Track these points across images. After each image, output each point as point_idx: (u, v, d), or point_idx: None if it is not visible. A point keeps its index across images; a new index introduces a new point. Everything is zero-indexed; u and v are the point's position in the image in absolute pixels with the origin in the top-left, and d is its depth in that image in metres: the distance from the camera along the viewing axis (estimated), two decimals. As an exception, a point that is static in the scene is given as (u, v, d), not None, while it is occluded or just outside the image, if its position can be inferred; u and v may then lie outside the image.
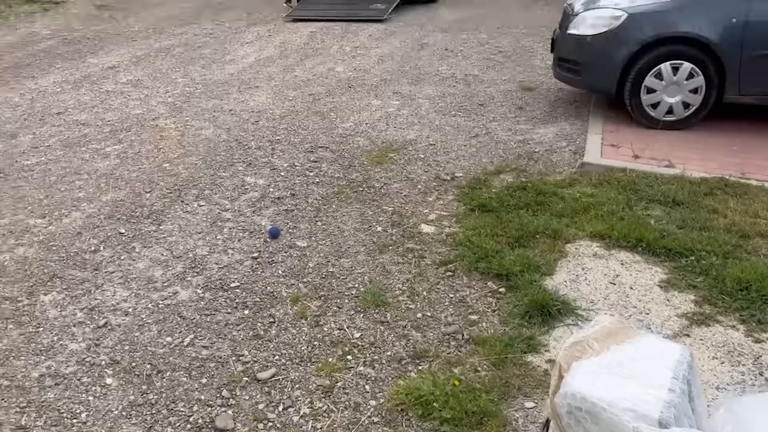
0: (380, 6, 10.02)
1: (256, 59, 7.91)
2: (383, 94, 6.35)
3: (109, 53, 8.40)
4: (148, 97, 6.46)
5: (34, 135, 5.45)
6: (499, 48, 7.94)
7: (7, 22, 10.22)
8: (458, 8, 10.71)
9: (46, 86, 6.94)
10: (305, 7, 10.49)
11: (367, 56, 7.89)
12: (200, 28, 9.82)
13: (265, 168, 4.70)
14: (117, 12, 11.22)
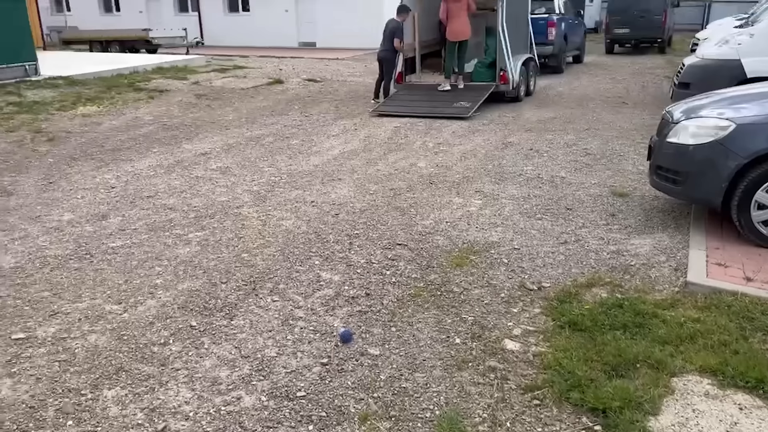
0: (465, 104, 10.09)
1: (341, 152, 8.02)
2: (465, 192, 6.20)
3: (203, 140, 8.77)
4: (235, 185, 6.58)
5: (123, 217, 5.59)
6: (587, 150, 7.70)
7: (115, 107, 10.98)
8: (544, 108, 10.65)
9: (141, 169, 7.24)
10: (391, 102, 10.72)
11: (449, 153, 7.84)
12: (290, 120, 10.18)
13: (342, 263, 4.56)
14: (214, 101, 11.87)
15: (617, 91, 12.37)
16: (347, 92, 13.08)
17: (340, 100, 12.13)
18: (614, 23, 19.69)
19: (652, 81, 13.67)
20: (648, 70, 15.71)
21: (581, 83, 13.56)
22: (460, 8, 10.49)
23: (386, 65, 11.13)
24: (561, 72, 14.98)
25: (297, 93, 13.00)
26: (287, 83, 14.25)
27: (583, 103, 10.99)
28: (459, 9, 10.50)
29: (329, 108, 11.22)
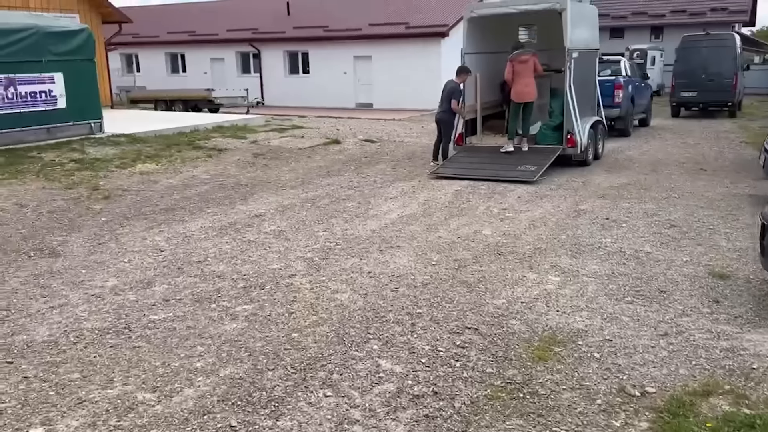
0: (530, 167, 9.53)
1: (399, 216, 7.54)
2: (539, 266, 5.56)
3: (258, 201, 8.45)
4: (288, 251, 6.15)
5: (169, 285, 5.19)
6: (671, 221, 6.97)
7: (173, 165, 10.90)
8: (615, 173, 9.97)
9: (193, 231, 6.92)
10: (451, 165, 10.26)
11: (516, 220, 7.25)
12: (346, 181, 9.82)
13: (404, 350, 3.97)
14: (271, 161, 11.69)
15: (692, 156, 11.59)
16: (404, 153, 12.74)
17: (397, 161, 11.77)
18: (681, 86, 18.94)
19: (728, 146, 12.82)
20: (721, 134, 14.84)
21: (651, 147, 12.83)
22: (526, 69, 10.09)
23: (444, 127, 10.74)
24: (628, 135, 14.28)
25: (353, 153, 12.73)
26: (344, 143, 14.04)
27: (657, 169, 10.26)
28: (525, 70, 10.09)
29: (386, 169, 10.85)
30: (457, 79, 10.57)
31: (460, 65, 10.75)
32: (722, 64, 18.29)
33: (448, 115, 10.61)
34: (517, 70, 10.13)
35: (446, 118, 10.65)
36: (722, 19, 29.75)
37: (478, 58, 11.04)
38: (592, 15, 11.25)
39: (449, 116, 10.62)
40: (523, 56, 10.11)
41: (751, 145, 12.78)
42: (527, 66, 10.06)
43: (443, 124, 10.73)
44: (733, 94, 18.43)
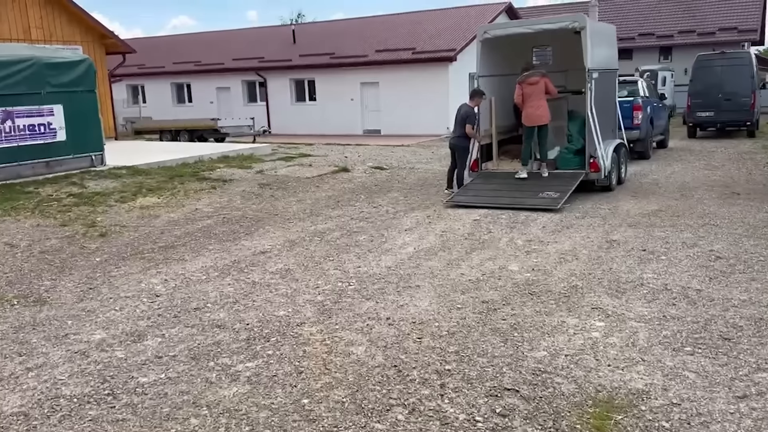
0: (552, 194, 8.94)
1: (416, 249, 6.94)
2: (578, 308, 4.93)
3: (263, 235, 7.88)
4: (296, 293, 5.55)
5: (163, 338, 4.59)
6: (715, 252, 6.33)
7: (175, 198, 10.38)
8: (642, 199, 9.35)
9: (193, 272, 6.34)
10: (467, 192, 9.68)
11: (544, 253, 6.63)
12: (357, 211, 9.25)
13: (434, 420, 3.34)
14: (278, 191, 11.15)
15: (719, 179, 10.96)
16: (416, 180, 12.19)
17: (410, 189, 11.21)
18: (697, 106, 18.37)
19: (756, 168, 12.18)
20: (745, 155, 14.22)
21: (675, 170, 12.22)
22: (537, 91, 9.57)
23: (459, 153, 10.20)
24: (648, 158, 13.69)
25: (363, 182, 12.19)
26: (353, 171, 13.52)
27: (686, 193, 9.63)
28: (535, 92, 9.58)
29: (398, 198, 10.29)
30: (471, 102, 10.06)
31: (474, 88, 10.24)
32: (739, 82, 17.74)
33: (462, 140, 10.08)
34: (527, 93, 9.61)
35: (461, 143, 10.12)
36: (732, 39, 29.33)
37: (492, 81, 10.54)
38: (610, 34, 10.76)
39: (464, 141, 10.09)
40: (532, 78, 9.60)
41: (779, 165, 12.16)
42: (537, 88, 9.54)
43: (458, 149, 10.19)
44: (751, 114, 17.85)
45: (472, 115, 9.95)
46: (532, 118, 9.73)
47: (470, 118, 9.93)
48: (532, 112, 9.70)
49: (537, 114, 9.68)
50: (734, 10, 30.73)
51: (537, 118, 9.70)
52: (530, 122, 9.76)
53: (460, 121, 10.04)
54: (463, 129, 9.94)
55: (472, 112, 9.97)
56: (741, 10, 30.63)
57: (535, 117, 9.71)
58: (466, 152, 10.17)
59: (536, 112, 9.68)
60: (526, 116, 9.78)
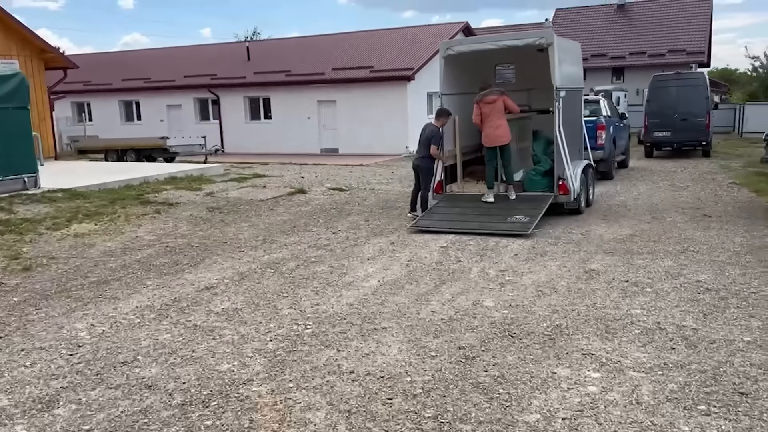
0: (522, 219, 8.41)
1: (380, 282, 6.26)
2: (567, 354, 4.33)
3: (210, 267, 7.07)
4: (243, 340, 4.78)
5: (79, 405, 3.76)
6: (703, 284, 5.85)
7: (115, 224, 9.44)
8: (614, 222, 8.91)
9: (126, 314, 5.49)
10: (432, 216, 9.07)
11: (520, 285, 6.04)
12: (315, 238, 8.53)
13: None
14: (229, 215, 10.33)
15: (687, 200, 10.67)
16: (377, 202, 11.54)
17: (371, 211, 10.55)
18: (654, 126, 18.38)
19: (720, 188, 11.99)
20: (705, 175, 14.10)
21: (641, 191, 11.92)
22: (495, 110, 9.09)
23: (423, 174, 9.61)
24: (611, 178, 13.41)
25: (321, 204, 11.48)
26: (310, 193, 12.79)
27: (657, 216, 9.25)
28: (494, 111, 9.10)
29: (359, 222, 9.61)
30: (437, 122, 9.51)
31: (440, 107, 9.72)
32: (694, 103, 17.82)
33: (426, 161, 9.50)
34: (485, 112, 9.14)
35: (425, 164, 9.54)
36: (681, 60, 29.93)
37: (456, 100, 10.03)
38: (576, 51, 10.41)
39: (428, 162, 9.51)
40: (489, 97, 9.13)
41: (743, 186, 12.00)
42: (496, 107, 9.08)
43: (422, 171, 9.60)
44: (706, 134, 17.94)
45: (437, 136, 9.40)
46: (491, 138, 9.24)
47: (435, 138, 9.38)
48: (491, 132, 9.20)
49: (496, 134, 9.19)
50: (683, 34, 31.45)
51: (496, 138, 9.21)
52: (490, 142, 9.27)
53: (425, 142, 9.48)
54: (428, 149, 9.37)
55: (437, 133, 9.42)
56: (689, 33, 31.36)
57: (494, 137, 9.21)
58: (431, 173, 9.60)
59: (495, 132, 9.18)
60: (486, 136, 9.28)
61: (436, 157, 9.43)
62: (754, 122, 25.19)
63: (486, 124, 9.22)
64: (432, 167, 9.56)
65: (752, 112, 25.80)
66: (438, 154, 9.38)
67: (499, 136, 9.18)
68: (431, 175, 9.61)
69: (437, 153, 9.37)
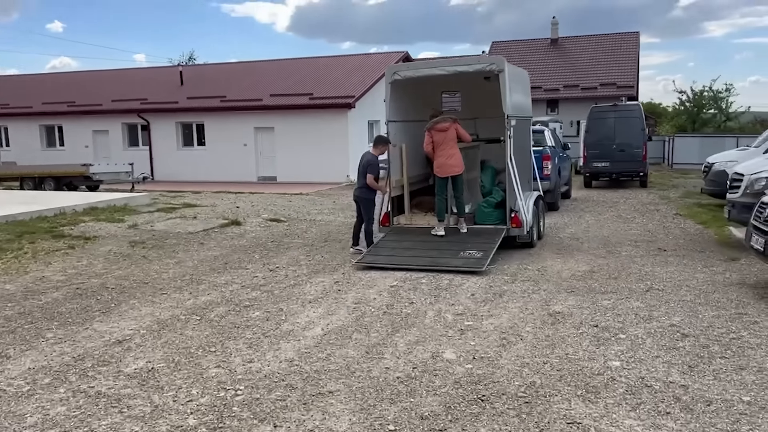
0: (475, 254, 7.81)
1: (325, 331, 5.45)
2: (550, 424, 3.65)
3: (125, 314, 6.07)
4: (158, 414, 3.86)
5: None
6: (678, 328, 5.34)
7: (19, 262, 8.25)
8: (569, 257, 8.43)
9: (13, 378, 4.46)
10: (379, 252, 8.34)
11: (481, 332, 5.37)
12: (250, 276, 7.64)
13: None
14: (153, 251, 9.28)
15: (638, 232, 10.39)
16: (319, 235, 10.74)
17: (312, 245, 9.74)
18: (593, 157, 18.47)
19: (666, 220, 11.83)
20: (648, 206, 14.04)
21: (589, 222, 11.61)
22: (447, 138, 8.56)
23: (364, 206, 8.91)
24: (557, 209, 13.12)
25: (257, 237, 10.57)
26: (245, 224, 11.85)
27: (612, 250, 8.86)
28: (447, 139, 8.57)
29: (299, 257, 8.78)
30: (375, 150, 8.88)
31: (378, 135, 9.12)
32: (631, 134, 18.02)
33: (366, 191, 8.82)
34: (437, 141, 8.59)
35: (364, 195, 8.85)
36: (612, 93, 30.71)
37: (403, 127, 9.44)
38: (525, 79, 10.06)
39: (368, 193, 8.83)
40: (442, 124, 8.60)
41: (687, 218, 11.89)
42: (448, 135, 8.55)
43: (362, 202, 8.91)
44: (644, 164, 18.14)
45: (374, 164, 8.75)
46: (444, 168, 8.67)
47: (372, 167, 8.72)
48: (444, 161, 8.65)
49: (449, 164, 8.64)
50: (613, 68, 32.44)
51: (449, 168, 8.66)
52: (443, 173, 8.70)
53: (362, 171, 8.83)
54: (366, 179, 8.73)
55: (374, 161, 8.77)
56: (619, 67, 32.39)
57: (447, 167, 8.65)
58: (372, 204, 8.91)
59: (448, 161, 8.63)
60: (438, 166, 8.71)
61: (374, 188, 8.77)
62: (682, 154, 25.97)
63: (438, 153, 8.66)
64: (372, 198, 8.89)
65: (681, 144, 26.60)
66: (375, 184, 8.72)
67: (451, 166, 8.62)
68: (372, 206, 8.92)
69: (374, 183, 8.71)
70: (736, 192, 8.54)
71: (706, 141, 25.71)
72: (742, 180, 8.45)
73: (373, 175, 8.70)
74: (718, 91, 29.05)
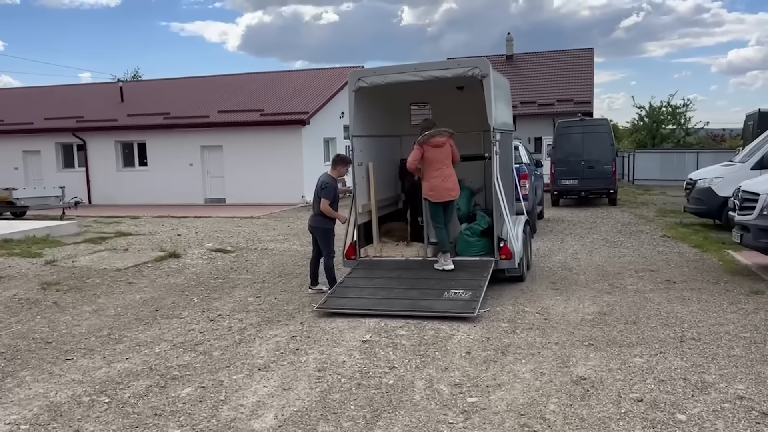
0: (462, 294, 6.40)
1: (279, 420, 3.94)
2: None
3: (8, 395, 4.40)
4: None
5: None
6: (748, 400, 4.03)
7: None
8: (569, 293, 7.11)
9: None
10: (345, 293, 6.83)
11: (492, 413, 3.95)
12: (184, 329, 6.03)
13: None
14: (68, 294, 7.54)
15: (633, 259, 9.20)
16: (271, 268, 9.17)
17: (263, 282, 8.18)
18: (561, 174, 17.47)
19: (657, 243, 10.71)
20: (629, 227, 12.99)
21: (574, 247, 10.40)
22: (443, 156, 7.21)
23: (320, 237, 7.40)
24: (535, 231, 11.89)
25: (198, 272, 8.93)
26: (185, 256, 10.17)
27: (614, 283, 7.60)
28: (442, 157, 7.21)
29: (248, 299, 7.20)
30: (333, 172, 7.39)
31: (337, 154, 7.63)
32: (600, 150, 17.13)
33: (321, 219, 7.32)
34: (431, 158, 7.19)
35: (319, 224, 7.35)
36: (568, 110, 30.19)
37: (369, 143, 8.03)
38: (507, 88, 8.79)
39: (323, 221, 7.32)
40: (437, 139, 7.23)
41: (678, 240, 10.82)
42: (444, 151, 7.19)
43: (318, 233, 7.40)
44: (613, 181, 17.26)
45: (330, 188, 7.24)
46: (439, 191, 7.22)
47: (327, 190, 7.22)
48: (439, 183, 7.20)
49: (445, 187, 7.22)
50: (570, 84, 31.99)
51: (445, 192, 7.24)
52: (437, 197, 7.25)
53: (316, 196, 7.36)
54: (319, 206, 7.26)
55: (330, 184, 7.27)
56: (575, 84, 31.95)
57: (442, 191, 7.22)
58: (330, 235, 7.39)
59: (444, 184, 7.21)
60: (431, 189, 7.25)
61: (331, 216, 7.27)
62: (643, 170, 25.43)
63: (430, 173, 7.23)
64: (330, 227, 7.39)
65: (642, 160, 26.09)
66: (332, 210, 7.23)
67: (448, 190, 7.23)
68: (331, 237, 7.41)
69: (330, 209, 7.21)
70: (750, 213, 7.43)
71: (666, 157, 25.29)
72: (756, 199, 7.35)
73: (329, 200, 7.21)
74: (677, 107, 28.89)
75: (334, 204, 7.24)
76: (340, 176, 7.46)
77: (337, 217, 7.35)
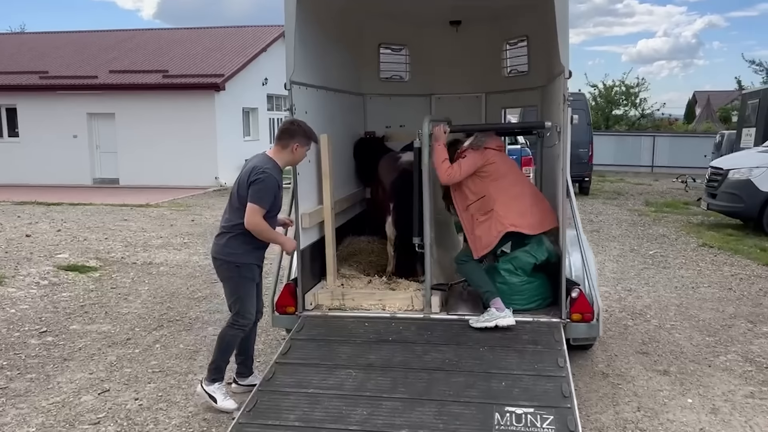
0: (537, 423, 2.91)
1: None
2: None
3: None
4: None
5: None
6: None
7: None
8: (686, 378, 3.80)
9: None
10: (280, 412, 3.14)
11: None
12: None
13: None
14: None
15: (713, 292, 6.07)
16: (151, 303, 5.36)
17: (126, 341, 4.42)
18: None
19: (712, 258, 7.68)
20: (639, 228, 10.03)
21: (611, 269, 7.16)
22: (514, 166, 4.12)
23: (228, 282, 3.58)
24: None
25: (21, 318, 5.01)
26: (13, 281, 6.13)
27: (744, 353, 4.39)
28: (514, 168, 4.16)
29: (77, 402, 3.43)
30: (279, 152, 3.54)
31: (290, 120, 3.78)
32: (576, 131, 14.11)
33: (237, 245, 3.52)
34: (501, 171, 3.85)
35: (232, 256, 3.52)
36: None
37: (320, 101, 4.33)
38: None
39: (242, 251, 3.54)
40: (494, 140, 3.95)
41: (729, 252, 7.79)
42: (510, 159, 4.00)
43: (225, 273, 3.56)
44: (589, 167, 14.43)
45: (265, 183, 3.36)
46: (531, 224, 3.80)
47: (260, 187, 3.35)
48: (527, 209, 3.83)
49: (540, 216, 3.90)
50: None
51: (538, 225, 3.84)
52: (531, 229, 3.78)
53: (234, 196, 3.57)
54: (240, 214, 3.47)
55: (268, 176, 3.38)
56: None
57: (535, 223, 3.82)
58: (244, 280, 3.61)
59: (536, 208, 3.90)
60: (519, 215, 3.76)
61: (262, 237, 3.52)
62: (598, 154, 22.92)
63: (502, 195, 3.78)
64: (251, 263, 3.60)
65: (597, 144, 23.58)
66: (264, 228, 3.40)
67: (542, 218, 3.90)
68: (244, 284, 3.55)
69: (261, 226, 3.42)
70: None
71: (621, 140, 22.95)
72: None
73: (260, 205, 3.46)
74: (630, 86, 26.68)
75: (271, 214, 3.52)
76: (292, 162, 3.68)
77: (278, 242, 3.63)
